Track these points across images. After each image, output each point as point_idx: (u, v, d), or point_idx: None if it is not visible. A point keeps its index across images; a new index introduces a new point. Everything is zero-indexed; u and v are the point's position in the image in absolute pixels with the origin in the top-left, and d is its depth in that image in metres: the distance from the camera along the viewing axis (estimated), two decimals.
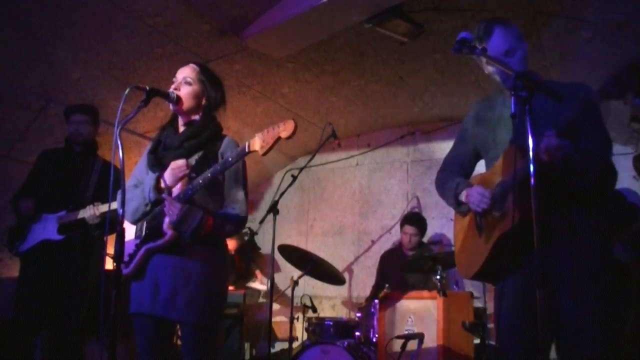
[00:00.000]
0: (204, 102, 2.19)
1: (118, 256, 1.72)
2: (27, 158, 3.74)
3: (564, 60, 3.59)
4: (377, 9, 3.17)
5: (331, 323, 3.70)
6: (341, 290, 5.22)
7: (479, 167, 2.17)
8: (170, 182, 2.04)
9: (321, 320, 3.83)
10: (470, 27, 1.93)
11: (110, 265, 2.56)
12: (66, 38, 3.38)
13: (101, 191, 3.23)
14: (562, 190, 1.75)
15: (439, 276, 3.26)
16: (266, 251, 5.60)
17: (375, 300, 3.46)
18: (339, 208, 5.64)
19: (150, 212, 2.11)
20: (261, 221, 3.84)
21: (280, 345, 5.35)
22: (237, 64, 3.95)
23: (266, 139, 1.89)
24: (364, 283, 5.22)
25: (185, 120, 2.19)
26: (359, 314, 3.68)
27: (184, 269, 2.02)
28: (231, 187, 2.13)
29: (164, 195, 2.02)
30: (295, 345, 3.84)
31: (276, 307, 5.14)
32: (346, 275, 4.99)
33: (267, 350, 3.52)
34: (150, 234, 2.08)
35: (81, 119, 3.30)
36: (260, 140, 1.90)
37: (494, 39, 1.91)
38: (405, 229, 4.33)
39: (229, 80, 4.10)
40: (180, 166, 2.01)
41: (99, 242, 3.23)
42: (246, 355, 4.85)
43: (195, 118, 2.19)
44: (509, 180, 1.76)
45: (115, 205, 2.29)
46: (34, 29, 3.25)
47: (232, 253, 5.24)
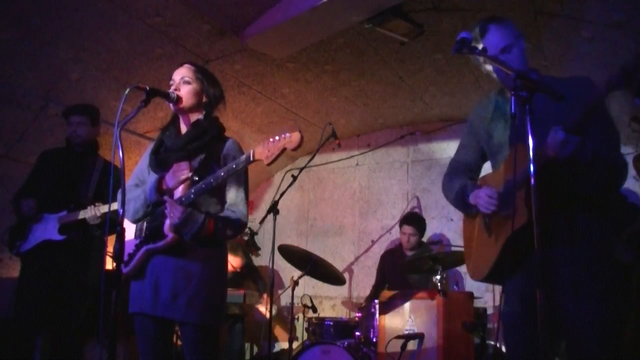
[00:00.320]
0: (204, 99, 2.19)
1: (118, 256, 1.72)
2: (27, 158, 3.74)
3: (564, 60, 3.59)
4: (377, 9, 3.17)
5: (331, 323, 3.70)
6: (341, 290, 5.21)
7: (486, 169, 2.15)
8: (172, 184, 2.03)
9: (321, 320, 3.83)
10: (470, 27, 1.93)
11: (110, 265, 2.56)
12: (66, 38, 3.38)
13: (102, 191, 3.23)
14: (566, 191, 1.73)
15: (439, 276, 3.26)
16: (266, 251, 5.59)
17: (375, 300, 3.46)
18: (339, 208, 5.64)
19: (151, 213, 2.11)
20: (261, 221, 3.84)
21: (280, 345, 5.35)
22: (237, 64, 3.95)
23: (271, 149, 1.87)
24: (364, 283, 5.21)
25: (188, 120, 2.19)
26: (359, 314, 3.68)
27: (185, 269, 2.02)
28: (233, 190, 2.13)
29: (166, 198, 2.02)
30: (295, 345, 3.83)
31: (275, 308, 5.15)
32: (346, 275, 4.99)
33: (267, 350, 3.51)
34: (150, 235, 2.08)
35: (79, 120, 3.28)
36: (266, 150, 1.89)
37: (490, 36, 1.89)
38: (403, 229, 4.33)
39: (229, 80, 4.10)
40: (183, 169, 2.01)
41: (99, 243, 3.23)
42: (246, 355, 4.84)
43: (199, 117, 2.19)
44: (516, 179, 1.73)
45: (116, 205, 2.29)
46: (34, 29, 3.25)
47: (238, 270, 5.14)
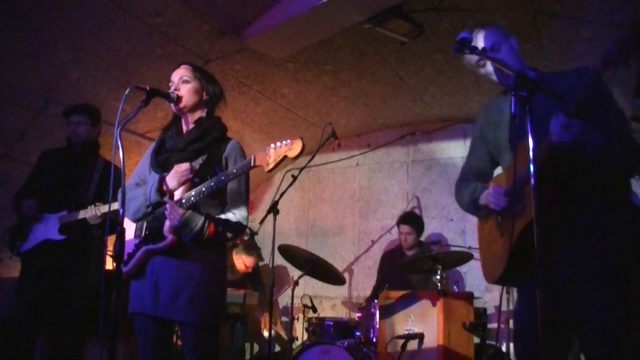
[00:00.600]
0: (205, 97, 2.20)
1: (118, 256, 1.72)
2: (27, 158, 3.74)
3: (564, 60, 3.59)
4: (377, 9, 3.17)
5: (331, 323, 3.71)
6: (341, 290, 5.22)
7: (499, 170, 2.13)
8: (173, 185, 2.03)
9: (321, 320, 3.83)
10: (470, 27, 1.94)
11: (110, 265, 2.56)
12: (66, 38, 3.38)
13: (102, 191, 3.23)
14: (581, 182, 1.71)
15: (439, 276, 3.26)
16: (266, 251, 5.59)
17: (375, 300, 3.46)
18: (339, 208, 5.64)
19: (152, 213, 2.11)
20: (261, 221, 3.83)
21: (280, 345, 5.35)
22: (237, 64, 3.95)
23: (273, 156, 1.89)
24: (364, 283, 5.22)
25: (190, 119, 2.19)
26: (359, 314, 3.68)
27: (185, 269, 2.02)
28: (234, 192, 2.13)
29: (166, 199, 2.02)
30: (295, 345, 3.83)
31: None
32: (346, 275, 4.99)
33: (268, 350, 3.51)
34: (150, 235, 2.08)
35: (79, 119, 3.28)
36: (267, 157, 1.90)
37: (478, 40, 1.91)
38: (401, 229, 4.36)
39: (229, 80, 4.10)
40: (184, 170, 2.01)
41: (99, 242, 3.23)
42: (246, 355, 4.84)
43: (201, 116, 2.19)
44: (522, 175, 1.72)
45: (116, 205, 2.29)
46: (34, 29, 3.25)
47: (249, 271, 5.05)
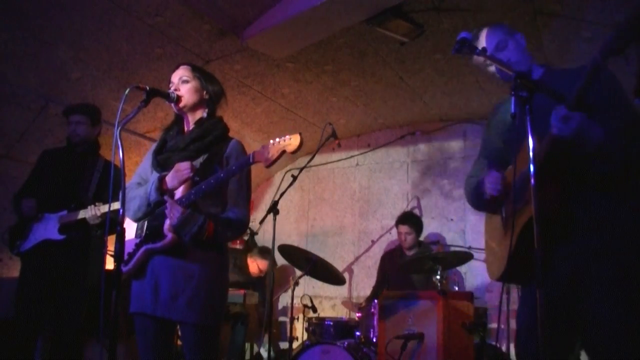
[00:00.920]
0: (205, 96, 2.20)
1: (118, 256, 1.72)
2: (27, 158, 3.74)
3: (564, 60, 3.59)
4: (377, 9, 3.18)
5: (331, 323, 3.70)
6: (341, 290, 5.22)
7: None
8: (173, 184, 2.03)
9: (321, 320, 3.83)
10: (470, 27, 1.94)
11: (110, 265, 2.57)
12: (66, 38, 3.38)
13: (102, 191, 3.23)
14: (583, 178, 1.68)
15: (439, 276, 3.26)
16: None
17: (375, 300, 3.46)
18: (339, 208, 5.64)
19: (152, 212, 2.11)
20: (261, 221, 3.83)
21: (280, 345, 5.35)
22: (237, 64, 3.95)
23: (271, 151, 1.89)
24: (364, 283, 5.22)
25: (191, 119, 2.19)
26: (359, 314, 3.68)
27: (185, 269, 2.02)
28: (234, 191, 2.13)
29: (166, 198, 2.01)
30: (295, 345, 3.83)
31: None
32: (346, 275, 4.99)
33: (268, 350, 3.51)
34: (150, 235, 2.08)
35: (79, 119, 3.28)
36: (265, 153, 1.90)
37: (481, 40, 1.92)
38: (399, 229, 4.38)
39: (229, 80, 4.10)
40: (185, 169, 2.01)
41: (99, 242, 3.23)
42: (247, 355, 4.84)
43: (203, 115, 2.19)
44: (524, 174, 1.70)
45: (116, 205, 2.29)
46: (34, 29, 3.26)
47: (262, 275, 5.08)
